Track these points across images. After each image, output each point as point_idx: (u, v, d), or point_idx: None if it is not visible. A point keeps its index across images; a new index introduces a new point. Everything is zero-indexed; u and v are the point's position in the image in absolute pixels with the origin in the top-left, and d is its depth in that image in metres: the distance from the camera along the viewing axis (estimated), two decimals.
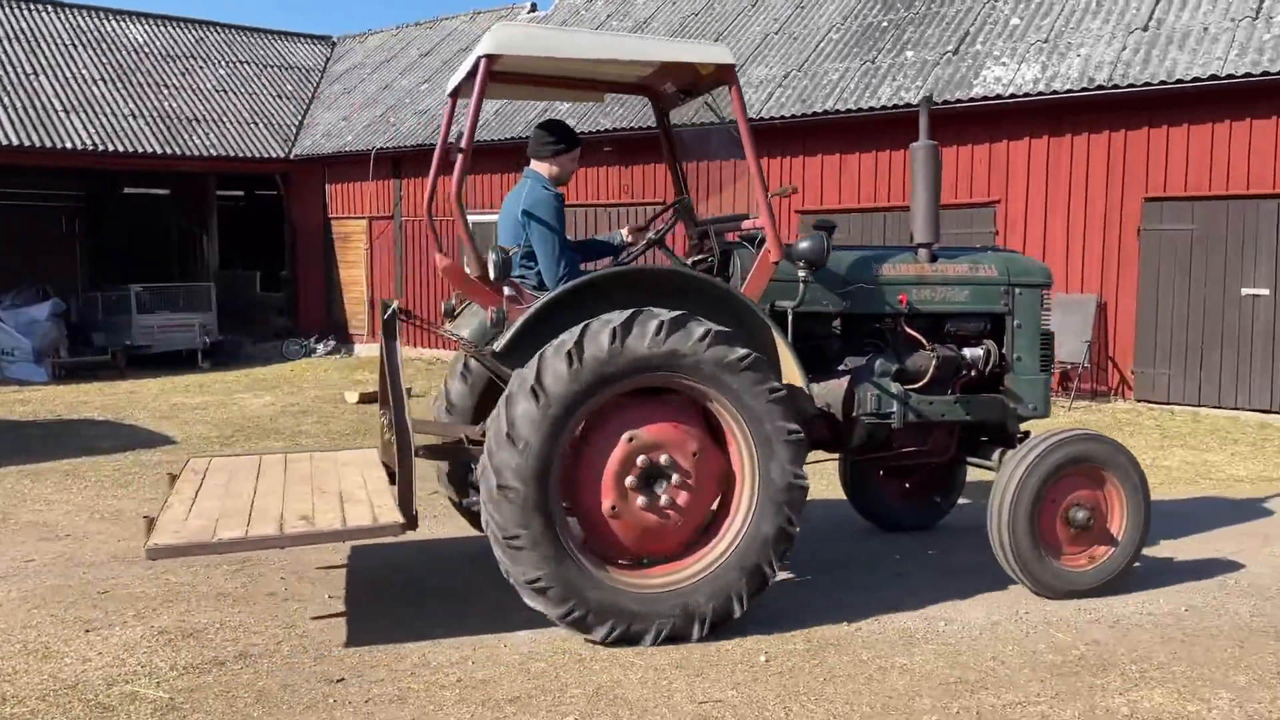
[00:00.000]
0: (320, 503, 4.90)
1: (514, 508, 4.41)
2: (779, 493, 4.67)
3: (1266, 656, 4.52)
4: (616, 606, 4.53)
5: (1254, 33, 11.36)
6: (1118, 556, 5.33)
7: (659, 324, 4.50)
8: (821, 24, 15.81)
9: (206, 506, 4.89)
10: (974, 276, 5.64)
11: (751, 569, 4.67)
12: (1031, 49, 12.92)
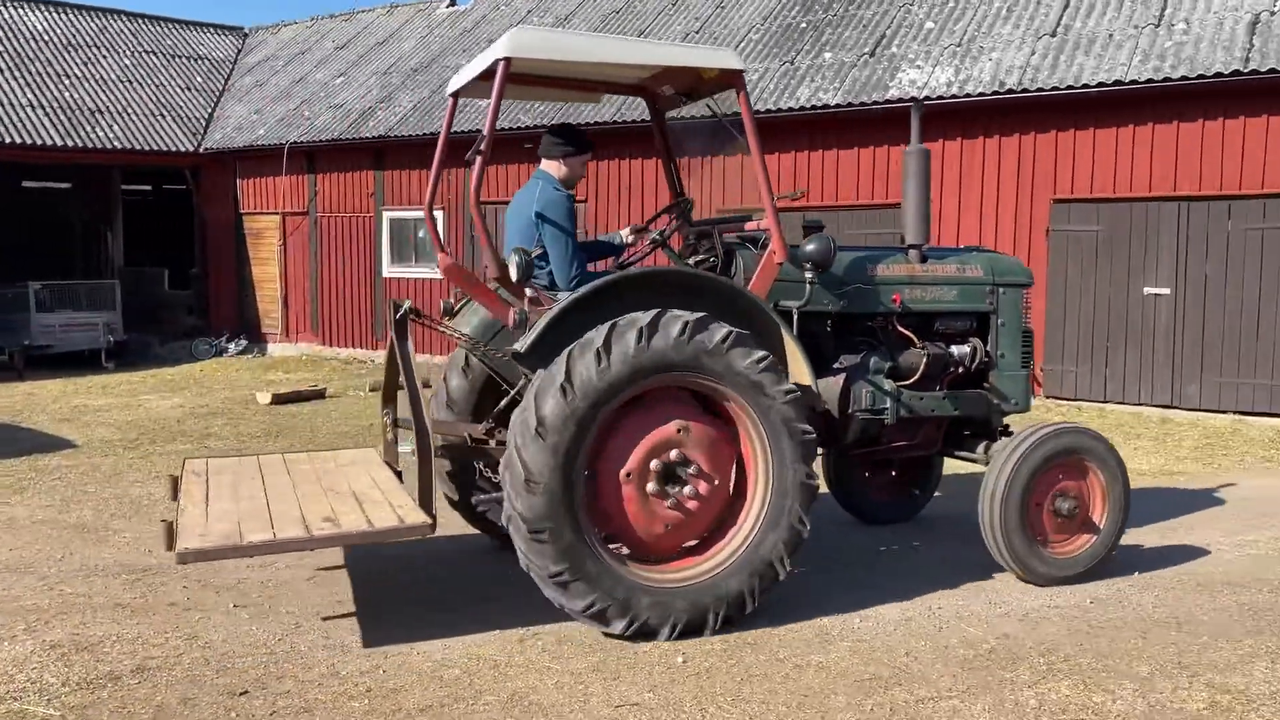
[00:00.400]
0: (338, 504, 4.87)
1: (540, 501, 4.44)
2: (791, 492, 4.79)
3: (1168, 647, 4.64)
4: (634, 601, 4.58)
5: (1156, 40, 11.74)
6: (1099, 544, 5.59)
7: (683, 325, 4.58)
8: (741, 24, 15.90)
9: (223, 509, 4.83)
10: (961, 276, 5.84)
11: (763, 566, 4.78)
12: (945, 53, 13.17)
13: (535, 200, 5.09)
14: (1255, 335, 11.10)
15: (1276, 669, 4.37)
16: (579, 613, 4.57)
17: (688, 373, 4.66)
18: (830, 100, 13.22)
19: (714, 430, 4.82)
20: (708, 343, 4.62)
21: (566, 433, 4.46)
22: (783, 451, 4.77)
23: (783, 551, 4.80)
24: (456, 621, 4.96)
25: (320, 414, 11.82)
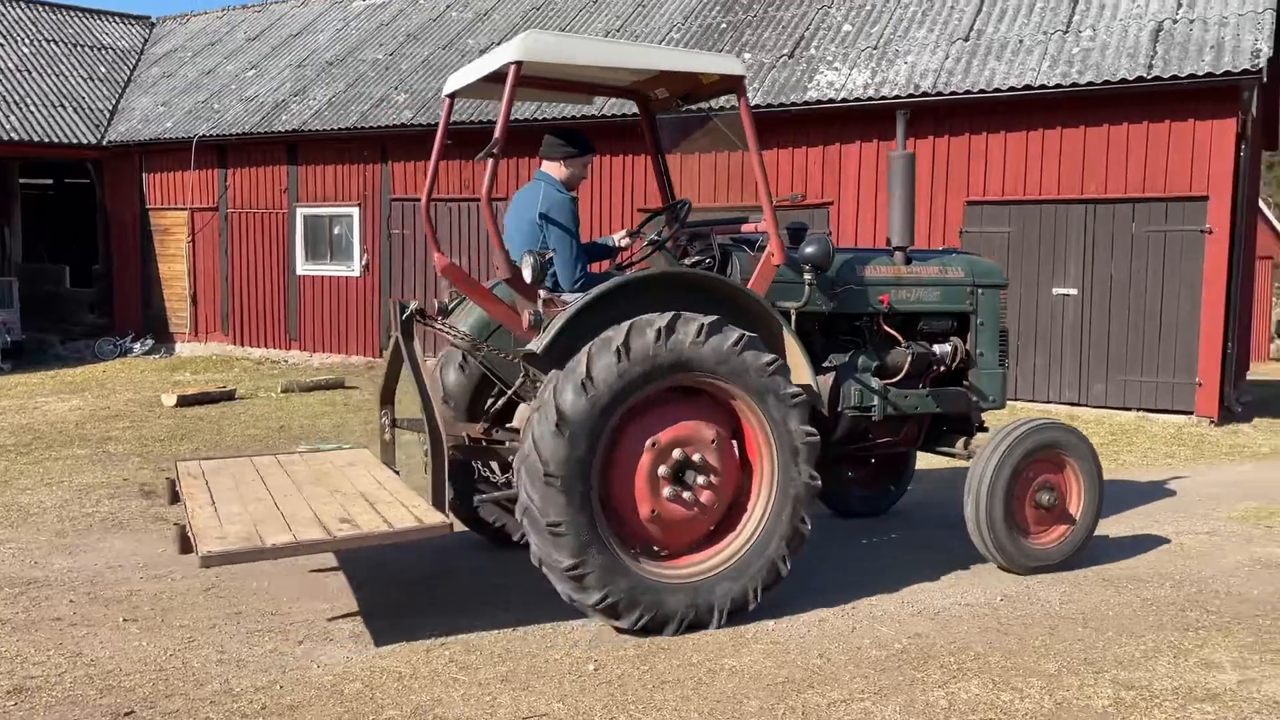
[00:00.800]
0: (350, 505, 4.84)
1: (558, 495, 4.49)
2: (795, 491, 4.92)
3: (1074, 643, 4.70)
4: (644, 595, 4.66)
5: (1064, 46, 12.02)
6: (1077, 534, 5.82)
7: (699, 327, 4.68)
8: (662, 23, 15.87)
9: (232, 512, 4.76)
10: (944, 278, 6.03)
11: (767, 562, 4.89)
12: (862, 55, 13.31)
13: (539, 202, 5.14)
14: (1158, 335, 11.44)
15: (1178, 664, 4.45)
16: (591, 606, 4.61)
17: (701, 373, 4.75)
18: (750, 101, 13.22)
19: (723, 429, 4.91)
20: (722, 344, 4.71)
21: (585, 428, 4.53)
22: (788, 452, 4.89)
23: (785, 550, 4.92)
24: (363, 632, 4.79)
25: (229, 416, 11.44)
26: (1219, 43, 11.04)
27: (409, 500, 4.91)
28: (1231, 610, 5.16)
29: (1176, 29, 11.53)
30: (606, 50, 5.47)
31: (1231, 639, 4.74)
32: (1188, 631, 4.85)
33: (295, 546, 4.31)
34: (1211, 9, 11.58)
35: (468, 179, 15.62)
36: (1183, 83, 10.84)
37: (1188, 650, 4.61)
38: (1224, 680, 4.26)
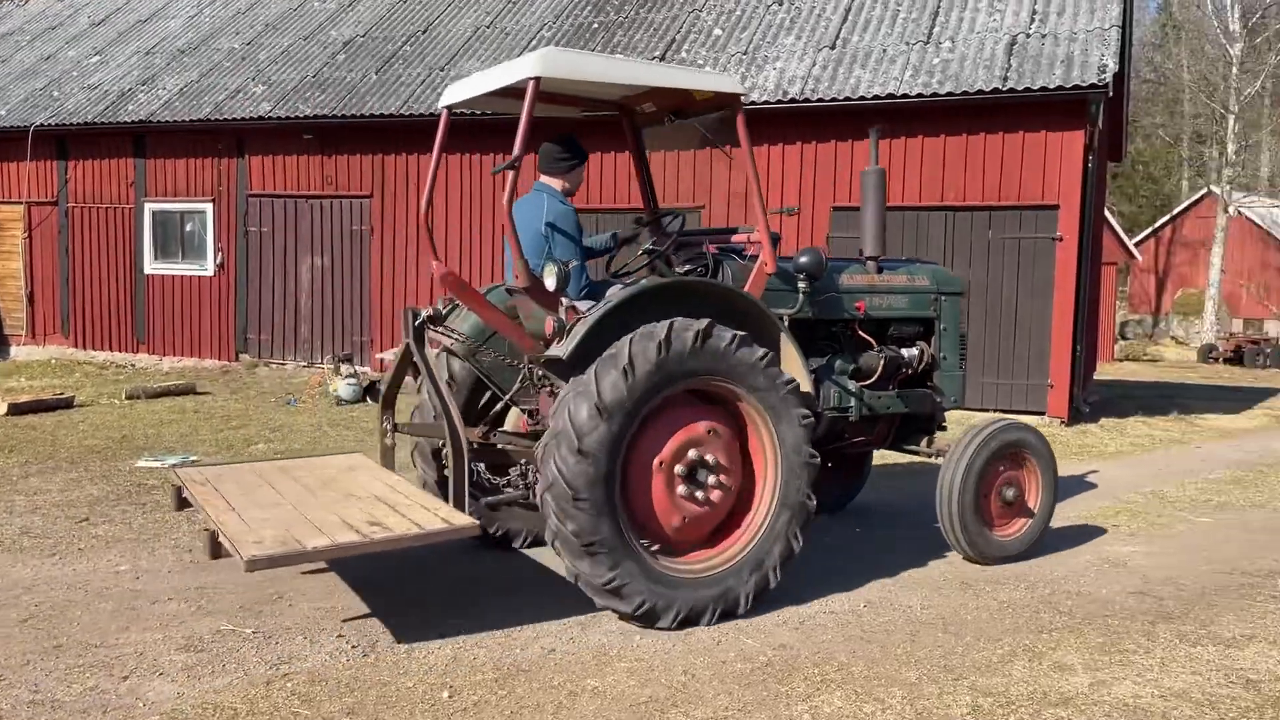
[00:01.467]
0: (372, 509, 4.90)
1: (589, 516, 4.65)
2: (797, 472, 5.15)
3: (934, 650, 4.72)
4: (676, 594, 4.86)
5: (925, 56, 12.34)
6: (1036, 526, 6.23)
7: (695, 333, 4.83)
8: (533, 22, 15.63)
9: (259, 517, 4.79)
10: (912, 286, 6.36)
11: (782, 542, 5.13)
12: (733, 60, 13.38)
13: (544, 213, 5.33)
14: (1013, 338, 11.86)
15: (1033, 668, 4.51)
16: (629, 614, 4.80)
17: (705, 376, 4.96)
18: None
19: (730, 429, 5.12)
20: (718, 346, 4.90)
21: (606, 447, 4.67)
22: (787, 436, 5.12)
23: (795, 527, 5.16)
24: (196, 664, 4.43)
25: (66, 425, 10.65)
26: (1069, 57, 11.51)
27: (427, 503, 5.02)
28: (1082, 610, 5.29)
29: (1030, 43, 11.97)
30: (622, 68, 5.60)
31: (1083, 640, 4.85)
32: (1042, 634, 4.94)
33: (335, 549, 4.41)
34: (1062, 25, 12.07)
35: (330, 175, 15.05)
36: (1035, 95, 11.26)
37: (1042, 653, 4.68)
38: (1076, 683, 4.33)
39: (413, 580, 5.64)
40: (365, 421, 11.10)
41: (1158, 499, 8.07)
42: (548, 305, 4.97)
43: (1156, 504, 7.91)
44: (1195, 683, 4.35)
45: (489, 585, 5.57)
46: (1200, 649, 4.75)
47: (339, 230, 15.06)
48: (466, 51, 15.34)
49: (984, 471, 5.96)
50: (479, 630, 4.85)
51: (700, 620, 4.90)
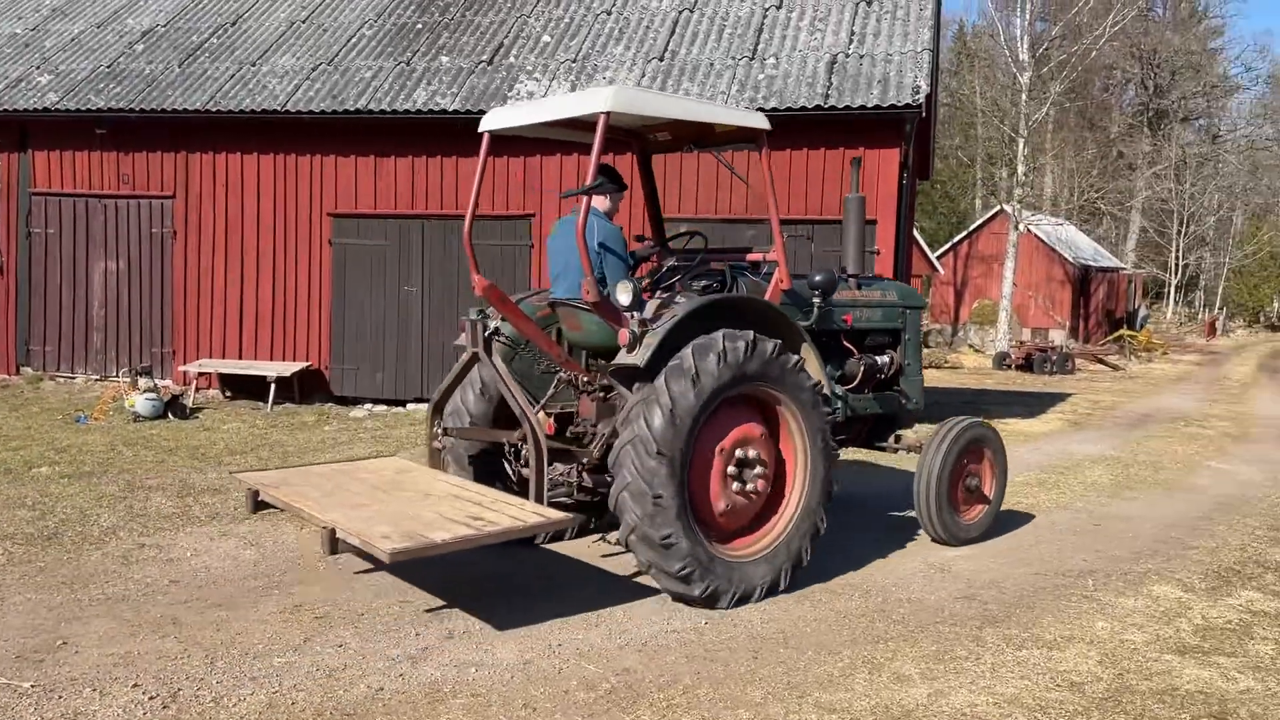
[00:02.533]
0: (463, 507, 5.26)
1: (664, 513, 5.13)
2: (823, 461, 5.80)
3: (777, 666, 4.67)
4: (731, 577, 5.40)
5: (751, 72, 12.56)
6: (991, 511, 7.09)
7: (746, 344, 5.39)
8: (353, 18, 15.00)
9: (362, 515, 5.08)
10: (885, 301, 7.03)
11: (811, 523, 5.76)
12: (562, 67, 13.23)
13: (595, 233, 5.70)
14: None
15: (873, 680, 4.52)
16: (696, 598, 5.31)
17: (755, 382, 5.51)
18: (449, 105, 12.77)
19: (767, 429, 5.70)
20: (764, 354, 5.48)
21: (678, 449, 5.18)
22: (815, 430, 5.76)
23: (820, 509, 5.79)
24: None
25: None
26: (885, 78, 11.96)
27: (508, 500, 5.49)
28: (915, 618, 5.39)
29: (849, 63, 12.37)
30: (681, 105, 6.00)
31: (918, 649, 4.92)
32: (879, 644, 4.99)
33: (458, 541, 4.75)
34: (879, 47, 12.55)
35: (127, 173, 13.93)
36: (854, 113, 11.63)
37: (881, 664, 4.71)
38: (916, 695, 4.37)
39: (225, 615, 5.16)
40: (166, 440, 10.27)
41: None
42: (612, 318, 5.42)
43: None
44: (1025, 688, 4.47)
45: (311, 613, 5.16)
46: (1026, 652, 4.90)
47: (137, 233, 13.94)
48: (280, 46, 14.55)
49: (956, 464, 6.77)
50: (300, 670, 4.46)
51: (751, 598, 5.48)
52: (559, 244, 6.00)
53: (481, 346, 5.75)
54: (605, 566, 6.22)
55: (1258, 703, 4.37)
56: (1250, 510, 8.36)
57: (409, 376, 13.36)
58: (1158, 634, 5.20)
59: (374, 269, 13.39)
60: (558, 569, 6.19)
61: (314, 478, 6.05)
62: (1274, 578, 6.29)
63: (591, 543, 6.71)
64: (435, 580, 5.82)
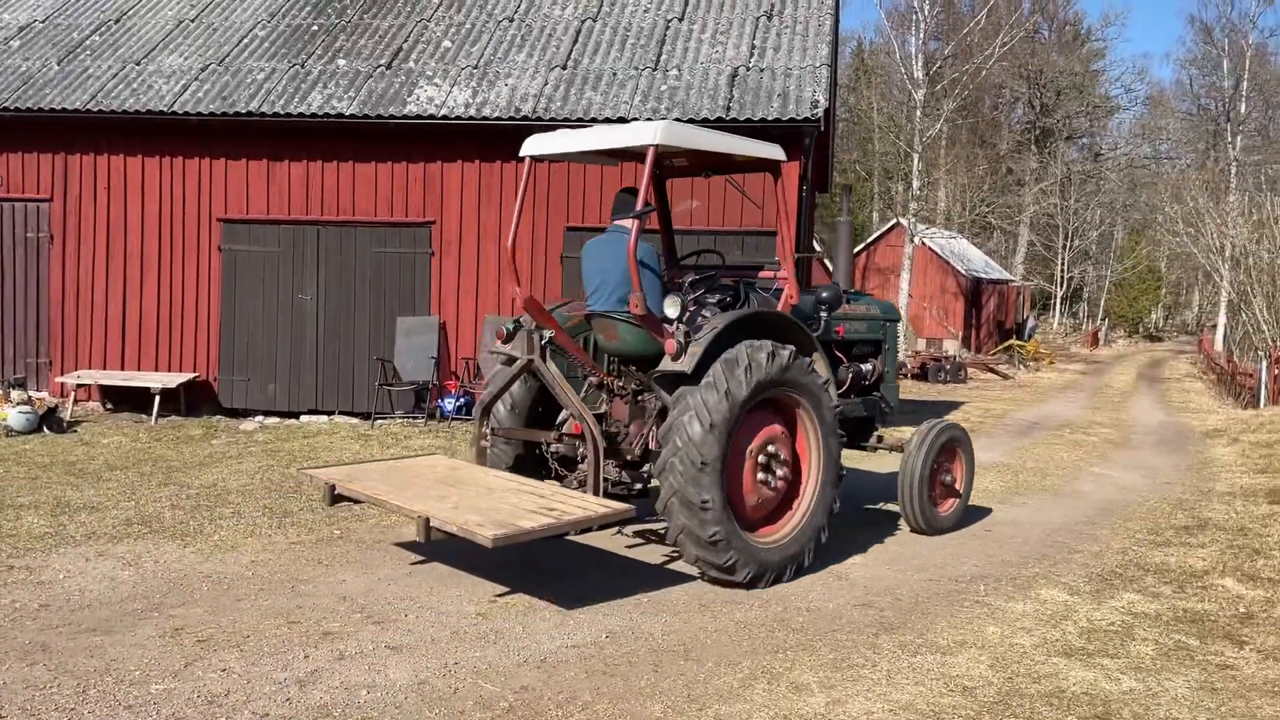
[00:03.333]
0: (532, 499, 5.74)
1: (707, 480, 5.73)
2: (834, 450, 6.50)
3: (677, 679, 4.63)
4: (764, 562, 6.07)
5: (654, 82, 12.60)
6: (961, 504, 7.86)
7: (767, 354, 6.01)
8: (245, 19, 14.56)
9: (447, 506, 5.54)
10: (869, 314, 7.85)
11: (825, 507, 6.46)
12: (463, 73, 13.06)
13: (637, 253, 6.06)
14: None
15: (772, 690, 4.52)
16: (738, 582, 5.95)
17: (779, 388, 6.15)
18: (345, 110, 12.48)
19: (786, 429, 6.33)
20: (785, 361, 6.10)
21: (717, 450, 5.76)
22: (826, 427, 6.45)
23: (830, 500, 6.48)
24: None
25: None
26: (785, 91, 12.13)
27: (560, 492, 6.05)
28: (813, 627, 5.42)
29: (750, 76, 12.52)
30: (719, 140, 6.55)
31: (816, 658, 4.94)
32: (778, 654, 4.99)
33: (543, 529, 5.24)
34: (779, 61, 12.73)
35: (0, 175, 13.23)
36: (755, 125, 11.76)
37: (779, 674, 4.72)
38: (814, 704, 4.38)
39: (100, 640, 4.88)
40: (40, 455, 9.75)
41: (873, 510, 8.56)
42: (655, 329, 6.04)
43: (871, 514, 8.38)
44: (920, 694, 4.53)
45: (194, 636, 4.92)
46: (920, 658, 4.97)
47: (10, 237, 13.24)
48: (167, 45, 14.02)
49: (935, 461, 7.54)
50: (179, 698, 4.23)
51: (783, 577, 6.17)
52: (595, 262, 6.52)
53: (538, 355, 6.28)
54: (507, 580, 6.10)
55: (1139, 703, 4.51)
56: (1131, 514, 8.70)
57: (303, 388, 12.98)
58: (1045, 637, 5.34)
59: (266, 276, 12.99)
60: (452, 586, 6.04)
61: (374, 474, 6.49)
62: (1153, 580, 6.53)
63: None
64: (325, 600, 5.63)
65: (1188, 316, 66.50)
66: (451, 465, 6.78)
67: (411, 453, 10.35)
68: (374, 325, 12.86)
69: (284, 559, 6.49)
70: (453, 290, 12.84)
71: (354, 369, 12.90)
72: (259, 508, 7.87)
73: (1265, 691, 4.69)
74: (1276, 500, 9.10)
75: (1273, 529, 7.98)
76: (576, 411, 6.18)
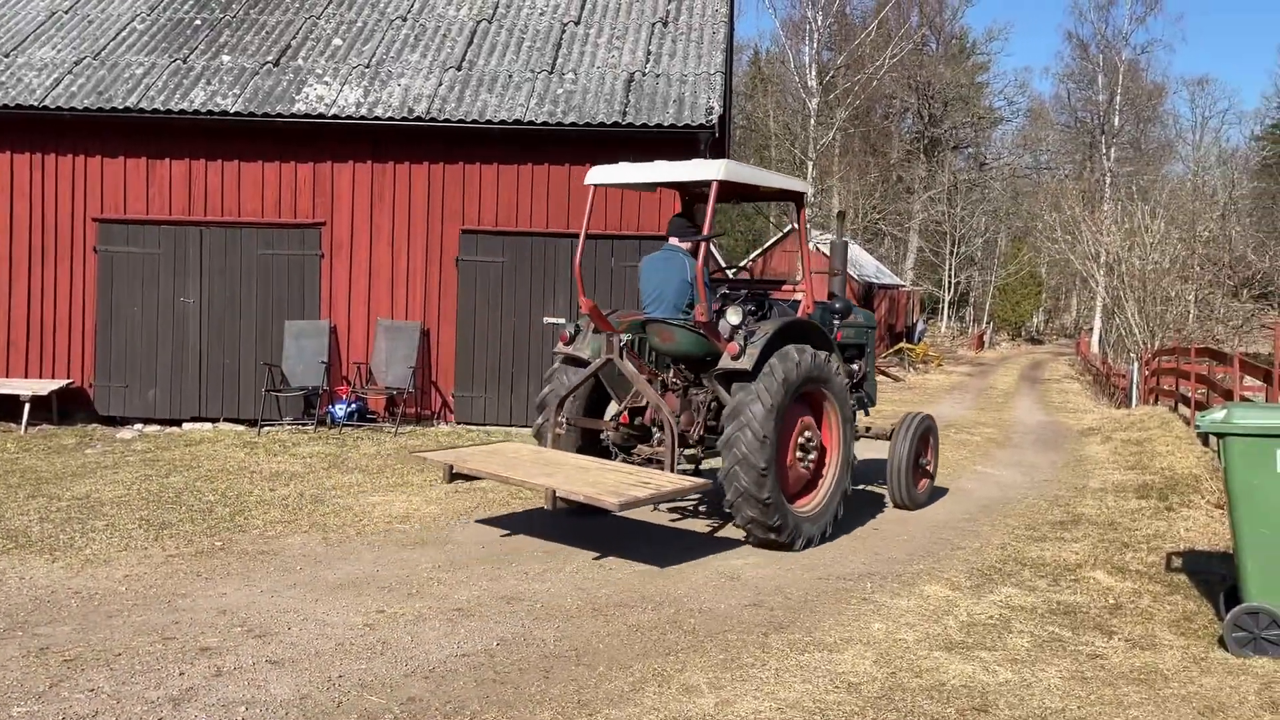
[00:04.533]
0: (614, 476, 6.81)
1: (766, 480, 6.84)
2: (850, 436, 7.76)
3: (568, 685, 4.61)
4: (801, 528, 7.20)
5: (550, 86, 12.56)
6: (930, 485, 9.18)
7: (810, 355, 7.26)
8: (123, 11, 14.00)
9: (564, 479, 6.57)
10: (855, 322, 8.95)
11: (840, 493, 7.65)
12: (354, 72, 12.80)
13: (688, 270, 7.38)
14: None
15: (662, 693, 4.54)
16: (766, 525, 6.98)
17: (813, 383, 7.35)
18: (230, 107, 12.10)
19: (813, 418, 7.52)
20: (816, 360, 7.32)
21: (771, 430, 6.88)
22: (845, 417, 7.71)
23: (848, 477, 7.74)
24: None
25: None
26: (680, 98, 12.23)
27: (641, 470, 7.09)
28: (705, 628, 5.46)
29: (646, 81, 12.58)
30: (770, 177, 8.07)
31: (707, 659, 4.98)
32: (669, 656, 5.02)
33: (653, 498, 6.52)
34: (674, 67, 12.83)
35: None
36: (651, 131, 11.83)
37: (670, 676, 4.74)
38: (704, 705, 4.41)
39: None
40: None
41: None
42: (714, 334, 7.09)
43: None
44: (807, 691, 4.60)
45: (60, 655, 4.68)
46: (808, 656, 5.06)
47: None
48: (38, 37, 13.37)
49: (917, 448, 8.78)
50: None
51: (813, 542, 7.30)
52: (653, 275, 7.62)
53: (617, 354, 7.42)
54: (396, 590, 5.98)
55: (1015, 693, 4.67)
56: (1010, 511, 9.03)
57: (185, 394, 12.51)
58: (928, 632, 5.50)
59: (146, 279, 12.48)
60: (339, 597, 5.90)
61: (479, 456, 7.33)
62: (1030, 574, 6.79)
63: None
64: (204, 614, 5.43)
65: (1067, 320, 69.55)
66: (535, 450, 7.69)
67: (311, 457, 10.09)
68: (261, 329, 12.49)
69: (160, 573, 6.24)
70: (344, 293, 12.56)
71: (240, 374, 12.49)
72: (135, 520, 7.55)
73: (1132, 679, 4.91)
74: (1144, 495, 9.57)
75: (1140, 523, 8.39)
76: (654, 403, 7.37)
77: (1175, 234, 32.10)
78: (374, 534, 7.38)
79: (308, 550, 6.88)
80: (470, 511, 8.20)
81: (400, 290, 12.55)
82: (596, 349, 7.68)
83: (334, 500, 8.45)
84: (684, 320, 7.35)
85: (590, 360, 7.66)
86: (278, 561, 6.57)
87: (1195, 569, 6.92)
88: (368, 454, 10.63)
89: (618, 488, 6.33)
